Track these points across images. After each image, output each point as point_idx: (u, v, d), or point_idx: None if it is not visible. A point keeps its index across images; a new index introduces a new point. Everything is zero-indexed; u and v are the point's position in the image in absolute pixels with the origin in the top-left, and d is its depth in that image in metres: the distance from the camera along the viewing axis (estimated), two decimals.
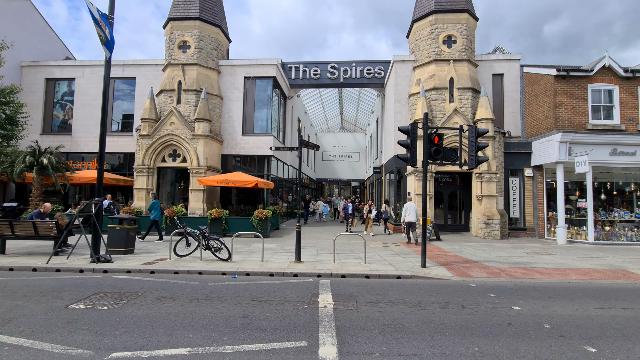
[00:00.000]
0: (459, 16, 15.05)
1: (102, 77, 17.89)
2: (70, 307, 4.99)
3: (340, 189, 47.81)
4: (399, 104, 16.20)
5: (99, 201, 8.25)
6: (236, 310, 5.02)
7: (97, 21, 8.02)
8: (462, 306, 5.42)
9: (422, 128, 8.27)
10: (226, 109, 16.96)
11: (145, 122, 15.34)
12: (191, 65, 15.95)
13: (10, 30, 17.06)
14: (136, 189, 15.30)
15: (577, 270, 8.32)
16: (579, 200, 13.97)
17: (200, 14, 16.09)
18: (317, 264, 8.27)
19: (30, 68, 18.19)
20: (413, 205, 12.49)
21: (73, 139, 17.62)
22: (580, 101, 13.95)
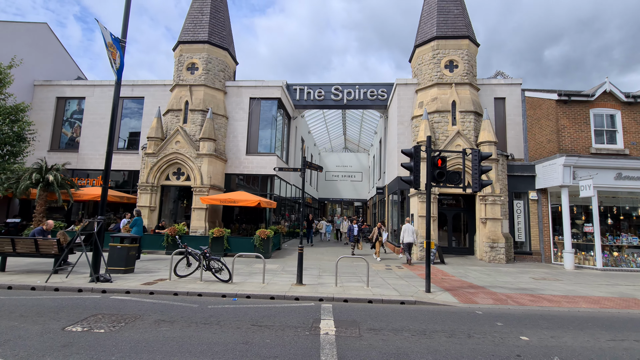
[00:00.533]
0: (460, 42, 15.44)
1: (111, 97, 18.31)
2: (67, 330, 4.88)
3: (343, 208, 47.59)
4: (401, 125, 16.37)
5: (101, 219, 8.24)
6: (236, 335, 4.88)
7: (108, 45, 8.29)
8: (468, 335, 5.24)
9: (426, 151, 8.31)
10: (231, 128, 17.21)
11: (152, 140, 15.56)
12: (198, 86, 16.34)
13: (26, 51, 17.70)
14: (139, 207, 15.30)
15: (586, 298, 8.09)
16: (585, 225, 13.77)
17: (209, 37, 16.65)
18: (319, 287, 8.11)
19: (42, 87, 18.71)
20: (411, 227, 13.12)
21: (79, 156, 17.85)
22: (583, 125, 14.03)
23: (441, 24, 15.70)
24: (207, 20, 16.86)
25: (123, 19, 8.89)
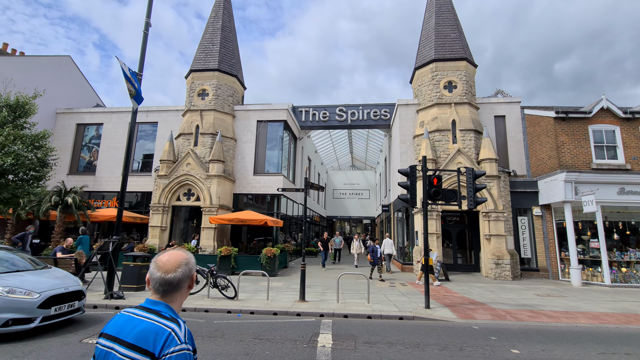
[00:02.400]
0: (458, 64, 16.04)
1: (127, 122, 19.36)
2: (84, 341, 5.31)
3: (352, 226, 47.61)
4: (404, 144, 16.82)
5: (116, 240, 8.78)
6: (238, 347, 5.22)
7: (128, 78, 9.11)
8: (460, 348, 5.45)
9: (422, 170, 8.69)
10: (239, 150, 17.94)
11: (164, 163, 16.35)
12: (208, 111, 17.23)
13: (50, 81, 19.05)
14: (151, 227, 15.93)
15: (586, 314, 8.13)
16: (591, 240, 13.71)
17: (219, 65, 17.68)
18: (321, 304, 8.38)
19: (64, 114, 19.96)
20: (390, 240, 15.68)
21: (96, 179, 18.76)
22: (582, 141, 14.22)
23: (439, 47, 16.38)
24: (217, 50, 17.95)
25: (140, 54, 9.75)
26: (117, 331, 1.28)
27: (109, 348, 1.27)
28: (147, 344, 1.22)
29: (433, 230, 14.24)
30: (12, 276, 5.97)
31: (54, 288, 5.91)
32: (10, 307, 5.27)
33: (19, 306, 5.34)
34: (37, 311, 5.47)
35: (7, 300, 5.30)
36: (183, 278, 1.37)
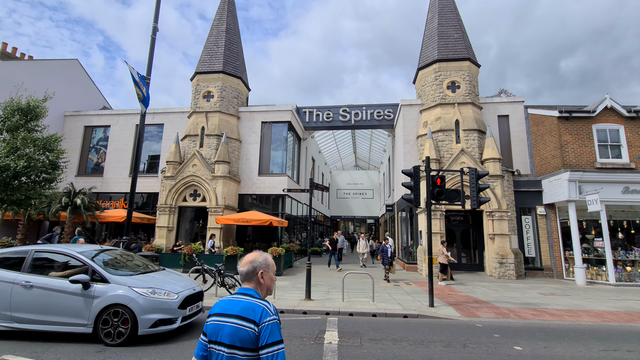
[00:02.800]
0: (461, 64, 16.10)
1: (134, 124, 19.64)
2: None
3: (356, 226, 47.73)
4: (407, 145, 16.92)
5: (126, 240, 9.00)
6: None
7: (137, 82, 9.31)
8: (463, 345, 5.58)
9: (425, 170, 8.81)
10: (244, 151, 18.14)
11: (170, 164, 16.60)
12: (214, 113, 17.45)
13: (59, 85, 19.38)
14: (158, 227, 16.18)
15: (589, 312, 8.21)
16: (595, 239, 13.73)
17: (224, 67, 17.89)
18: (326, 302, 8.53)
19: (72, 117, 20.30)
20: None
21: (104, 180, 19.07)
22: (586, 140, 14.24)
23: (442, 48, 16.45)
24: (222, 52, 18.17)
25: (148, 59, 9.96)
26: (223, 310, 1.74)
27: (221, 321, 1.70)
28: (249, 315, 1.68)
29: (437, 229, 14.34)
30: (146, 277, 5.98)
31: (186, 288, 5.99)
32: (156, 307, 5.35)
33: (163, 307, 5.42)
34: (177, 311, 5.56)
35: (153, 301, 5.38)
36: (249, 271, 1.85)
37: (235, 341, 1.63)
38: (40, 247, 5.98)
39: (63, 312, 5.26)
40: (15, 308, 5.32)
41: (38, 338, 5.41)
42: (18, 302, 5.34)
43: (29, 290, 5.37)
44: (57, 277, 5.53)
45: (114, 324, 5.21)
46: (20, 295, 5.36)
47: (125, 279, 5.58)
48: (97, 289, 5.35)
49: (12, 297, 5.35)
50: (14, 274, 5.52)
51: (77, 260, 5.70)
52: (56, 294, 5.32)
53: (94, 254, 5.97)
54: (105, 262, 5.97)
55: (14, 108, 10.47)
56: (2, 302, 5.35)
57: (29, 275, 5.51)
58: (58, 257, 5.95)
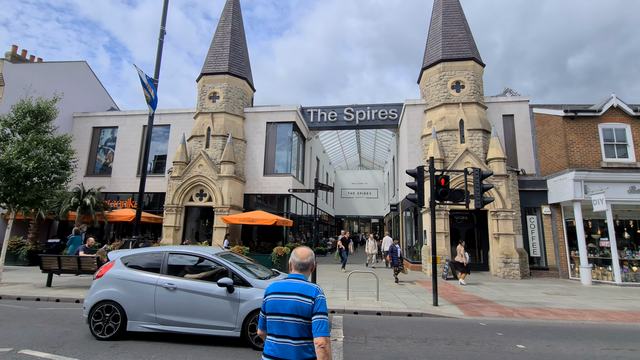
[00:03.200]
0: (466, 64, 16.10)
1: (141, 125, 19.90)
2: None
3: (360, 225, 47.78)
4: (412, 144, 16.96)
5: (136, 239, 9.19)
6: None
7: (145, 85, 9.50)
8: (467, 343, 5.67)
9: (429, 170, 8.88)
10: (249, 151, 18.32)
11: (177, 164, 16.83)
12: (219, 113, 17.65)
13: (67, 86, 19.71)
14: (165, 227, 16.42)
15: (594, 311, 8.23)
16: (601, 239, 13.68)
17: (229, 68, 18.08)
18: (331, 301, 8.65)
19: (80, 118, 20.63)
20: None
21: (112, 180, 19.37)
22: (592, 140, 14.18)
23: (446, 48, 16.46)
24: (227, 53, 18.35)
25: (156, 61, 10.15)
26: (282, 289, 2.21)
27: (283, 298, 2.17)
28: (307, 292, 2.16)
29: (441, 229, 14.38)
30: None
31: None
32: None
33: None
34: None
35: None
36: (309, 263, 2.35)
37: (298, 311, 2.12)
38: (173, 249, 5.94)
39: (209, 315, 5.23)
40: (160, 310, 5.32)
41: (178, 340, 5.44)
42: (162, 304, 5.33)
43: (173, 292, 5.36)
44: (195, 279, 5.51)
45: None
46: (164, 297, 5.35)
47: (264, 283, 5.47)
48: (242, 292, 5.29)
49: (155, 299, 5.36)
50: (154, 275, 5.52)
51: (214, 262, 5.69)
52: (200, 296, 5.29)
53: (226, 257, 5.93)
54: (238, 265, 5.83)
55: (25, 110, 10.72)
56: (146, 304, 5.36)
57: (171, 278, 5.49)
58: (193, 259, 5.96)
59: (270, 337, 2.17)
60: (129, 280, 5.54)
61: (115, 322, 5.38)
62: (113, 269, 5.71)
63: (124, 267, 5.73)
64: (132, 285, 5.49)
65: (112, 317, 5.41)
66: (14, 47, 18.74)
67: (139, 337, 5.51)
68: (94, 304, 5.47)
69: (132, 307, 5.39)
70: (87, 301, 5.55)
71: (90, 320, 5.44)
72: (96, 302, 5.47)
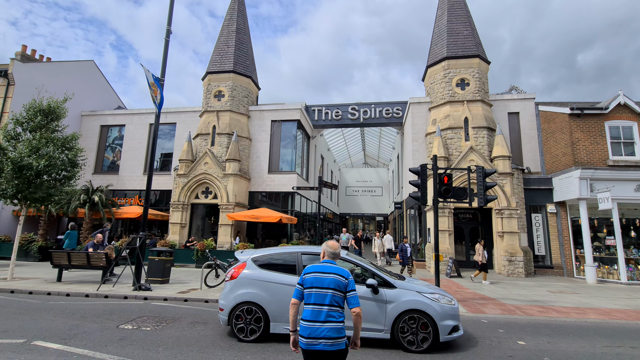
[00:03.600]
0: (471, 61, 16.03)
1: (147, 123, 20.12)
2: (120, 327, 5.86)
3: (365, 223, 47.81)
4: (416, 142, 16.96)
5: (143, 235, 9.38)
6: None
7: (151, 85, 9.66)
8: (467, 339, 5.73)
9: (432, 169, 8.92)
10: (254, 149, 18.47)
11: (183, 162, 17.03)
12: (225, 112, 17.80)
13: (76, 85, 20.03)
14: (171, 224, 16.66)
15: (597, 310, 8.23)
16: (607, 238, 13.59)
17: (234, 67, 18.21)
18: None
19: (88, 117, 20.95)
20: (390, 236, 17.10)
21: (119, 178, 19.67)
22: (598, 138, 14.05)
23: (451, 45, 16.39)
24: (232, 52, 18.48)
25: (162, 61, 10.30)
26: (321, 270, 2.86)
27: (323, 276, 2.81)
28: (342, 273, 2.84)
29: (445, 227, 14.40)
30: (414, 282, 5.75)
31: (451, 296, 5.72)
32: (448, 313, 5.19)
33: (452, 313, 5.25)
34: (459, 318, 5.38)
35: (444, 307, 5.21)
36: (338, 252, 3.07)
37: (335, 286, 2.79)
38: (304, 249, 5.84)
39: None
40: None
41: None
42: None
43: None
44: None
45: (413, 330, 5.09)
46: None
47: (406, 284, 5.42)
48: (387, 293, 5.22)
49: None
50: (293, 276, 5.43)
51: (352, 263, 5.59)
52: None
53: (358, 256, 5.83)
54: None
55: (36, 109, 10.95)
56: (288, 306, 5.01)
57: None
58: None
59: (307, 306, 2.81)
60: (267, 281, 5.46)
61: (257, 323, 5.30)
62: (247, 270, 5.64)
63: (257, 268, 5.66)
64: (271, 287, 5.41)
65: (253, 319, 5.33)
66: (23, 46, 19.06)
67: (279, 340, 5.42)
68: (233, 305, 5.38)
69: (274, 308, 5.30)
70: (224, 302, 5.45)
71: (231, 321, 5.35)
72: (236, 304, 5.38)
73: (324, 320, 2.71)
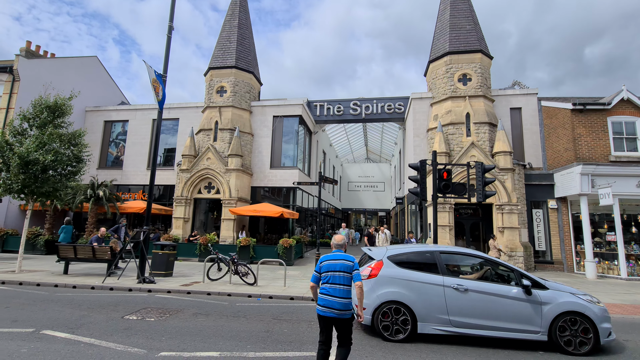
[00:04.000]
0: (473, 56, 15.95)
1: (150, 119, 20.26)
2: (125, 318, 6.05)
3: (367, 218, 47.93)
4: (417, 138, 16.98)
5: (147, 229, 9.57)
6: (259, 326, 5.83)
7: (153, 82, 9.76)
8: None
9: (432, 164, 8.99)
10: (256, 144, 18.58)
11: (185, 157, 17.19)
12: (227, 107, 17.90)
13: (79, 81, 20.20)
14: (175, 218, 16.87)
15: None
16: (607, 234, 13.61)
17: (236, 62, 18.25)
18: None
19: (92, 112, 21.14)
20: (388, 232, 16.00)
21: (123, 173, 19.89)
22: (600, 133, 14.01)
23: (453, 40, 16.32)
24: (234, 47, 18.51)
25: (164, 57, 10.39)
26: (333, 257, 3.76)
27: (334, 262, 3.71)
28: (349, 259, 3.75)
29: (445, 222, 14.48)
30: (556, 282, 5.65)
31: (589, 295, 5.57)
32: (604, 316, 5.11)
33: (607, 315, 5.18)
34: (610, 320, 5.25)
35: (601, 309, 5.14)
36: (343, 243, 3.98)
37: (344, 269, 3.68)
38: (442, 248, 5.88)
39: (507, 318, 5.11)
40: (453, 312, 5.22)
41: (460, 342, 5.33)
42: (454, 305, 5.22)
43: (464, 294, 5.26)
44: (475, 279, 5.48)
45: (573, 332, 5.02)
46: (455, 299, 5.24)
47: (557, 285, 5.41)
48: (541, 295, 5.18)
49: (447, 300, 5.25)
50: (438, 276, 5.42)
51: (493, 263, 5.70)
52: (496, 298, 5.18)
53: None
54: None
55: (42, 106, 11.11)
56: (437, 306, 5.26)
57: (456, 278, 5.40)
58: (464, 259, 5.98)
59: (324, 285, 3.68)
60: (412, 280, 5.42)
61: (404, 324, 5.29)
62: (387, 269, 5.59)
63: (395, 266, 5.61)
64: (417, 286, 5.37)
65: (400, 318, 5.32)
66: (27, 42, 19.21)
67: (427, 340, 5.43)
68: (377, 304, 5.36)
69: (421, 308, 5.28)
70: (367, 301, 5.40)
71: (375, 320, 5.33)
72: (380, 303, 5.36)
73: (337, 295, 3.58)
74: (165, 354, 4.44)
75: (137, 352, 4.47)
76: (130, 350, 4.54)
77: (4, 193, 10.64)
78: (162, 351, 4.54)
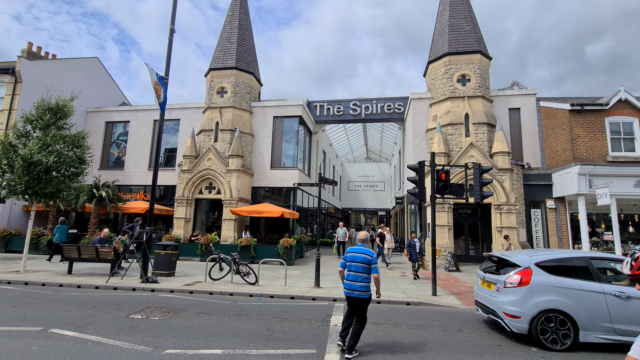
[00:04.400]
0: (472, 57, 16.07)
1: (152, 120, 20.38)
2: (130, 317, 6.20)
3: (367, 218, 48.08)
4: (417, 138, 17.11)
5: (149, 230, 9.71)
6: (260, 324, 5.97)
7: (154, 84, 9.89)
8: (459, 330, 6.00)
9: (430, 166, 9.13)
10: (257, 145, 18.71)
11: (186, 158, 17.34)
12: (227, 108, 18.03)
13: (80, 82, 20.32)
14: (176, 218, 17.02)
15: None
16: (605, 233, 13.75)
17: (237, 63, 18.38)
18: (334, 290, 9.06)
19: (94, 113, 21.27)
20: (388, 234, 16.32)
21: (125, 173, 20.04)
22: (598, 134, 14.12)
23: (452, 41, 16.43)
24: (235, 48, 18.63)
25: (166, 60, 10.52)
26: (356, 251, 4.84)
27: (357, 254, 4.79)
28: (369, 253, 4.79)
29: (444, 222, 14.62)
30: None
31: None
32: None
33: None
34: None
35: None
36: (365, 238, 5.01)
37: (364, 261, 4.72)
38: (592, 254, 5.81)
39: None
40: (616, 320, 5.12)
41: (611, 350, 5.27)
42: (617, 313, 5.12)
43: (627, 301, 5.14)
44: (626, 285, 5.32)
45: None
46: (618, 307, 5.14)
47: None
48: None
49: (609, 308, 5.15)
50: (596, 284, 5.32)
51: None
52: None
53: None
54: None
55: (45, 108, 11.25)
56: (599, 314, 5.17)
57: (618, 286, 5.29)
58: (609, 264, 5.88)
59: (349, 272, 4.77)
60: (570, 288, 5.34)
61: (566, 332, 5.21)
62: (538, 276, 5.48)
63: (546, 273, 5.51)
64: (576, 294, 5.30)
65: (562, 327, 5.24)
66: (29, 44, 19.33)
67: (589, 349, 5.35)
68: (535, 313, 5.28)
69: (583, 316, 5.19)
70: (521, 310, 5.34)
71: (535, 329, 5.25)
72: (539, 312, 5.28)
73: (357, 281, 4.68)
74: (170, 352, 4.59)
75: (143, 350, 4.62)
76: (136, 348, 4.69)
77: (8, 194, 10.80)
78: (167, 349, 4.68)
